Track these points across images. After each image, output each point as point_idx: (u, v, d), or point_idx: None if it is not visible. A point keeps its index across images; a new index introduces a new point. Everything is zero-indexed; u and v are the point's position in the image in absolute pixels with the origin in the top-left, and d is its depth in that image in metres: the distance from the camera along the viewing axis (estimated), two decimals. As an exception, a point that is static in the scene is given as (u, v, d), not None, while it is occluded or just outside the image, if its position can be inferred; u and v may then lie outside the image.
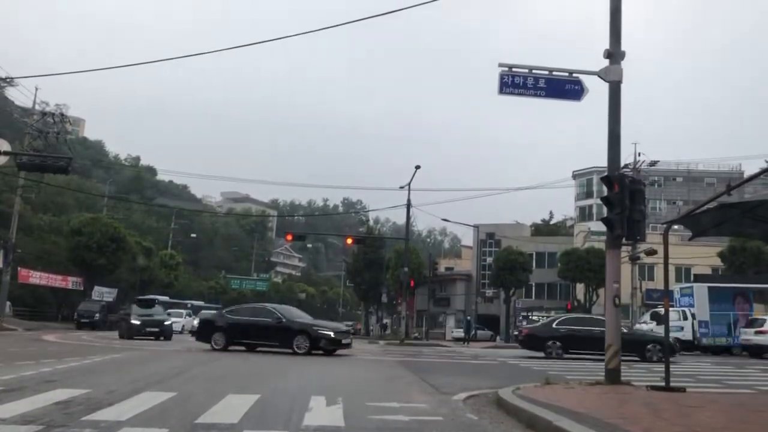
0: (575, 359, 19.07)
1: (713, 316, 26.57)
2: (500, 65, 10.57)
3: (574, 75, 10.73)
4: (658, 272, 47.12)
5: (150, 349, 18.28)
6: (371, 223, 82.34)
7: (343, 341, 18.28)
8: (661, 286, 13.72)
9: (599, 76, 10.45)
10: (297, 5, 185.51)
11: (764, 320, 24.22)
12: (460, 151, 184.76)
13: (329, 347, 17.72)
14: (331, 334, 17.83)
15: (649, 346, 20.06)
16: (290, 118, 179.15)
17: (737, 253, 41.51)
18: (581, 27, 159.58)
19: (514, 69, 10.59)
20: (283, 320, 18.22)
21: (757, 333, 23.96)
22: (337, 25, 17.63)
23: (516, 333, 24.21)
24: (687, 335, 26.91)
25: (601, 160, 11.19)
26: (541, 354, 20.42)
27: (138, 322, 25.94)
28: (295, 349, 17.40)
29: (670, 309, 20.60)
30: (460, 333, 47.50)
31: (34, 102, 33.66)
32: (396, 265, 51.97)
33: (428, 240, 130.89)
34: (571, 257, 47.04)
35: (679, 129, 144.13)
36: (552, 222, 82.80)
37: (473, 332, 43.69)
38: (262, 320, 18.38)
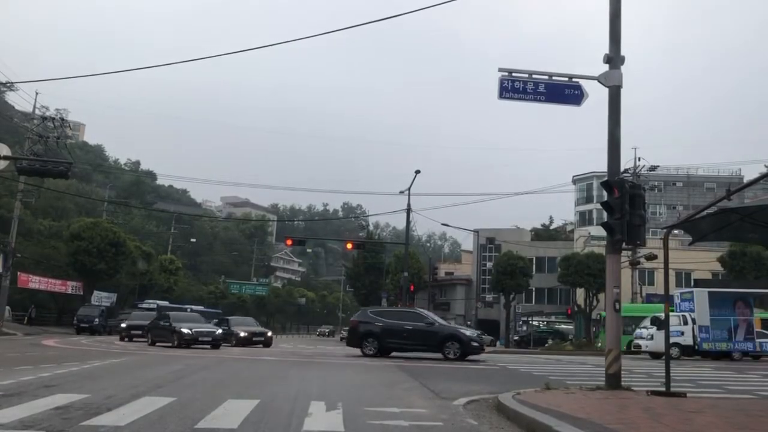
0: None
1: (714, 321, 26.48)
2: (500, 70, 10.58)
3: (574, 80, 10.75)
4: (659, 277, 47.10)
5: (149, 354, 18.25)
6: (371, 227, 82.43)
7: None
8: (661, 290, 13.71)
9: (599, 81, 10.45)
10: (296, 10, 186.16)
11: None
12: (460, 155, 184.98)
13: None
14: None
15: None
16: (290, 122, 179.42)
17: (737, 258, 41.46)
18: (581, 32, 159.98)
19: (513, 74, 10.61)
20: None
21: None
22: (337, 30, 17.69)
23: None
24: (687, 340, 26.88)
25: (601, 165, 11.22)
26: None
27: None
28: None
29: (671, 314, 20.58)
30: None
31: (34, 106, 33.68)
32: (396, 269, 51.95)
33: (428, 244, 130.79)
34: (571, 262, 46.96)
35: (679, 133, 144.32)
36: (552, 227, 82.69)
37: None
38: None
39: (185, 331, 23.14)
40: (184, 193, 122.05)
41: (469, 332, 21.11)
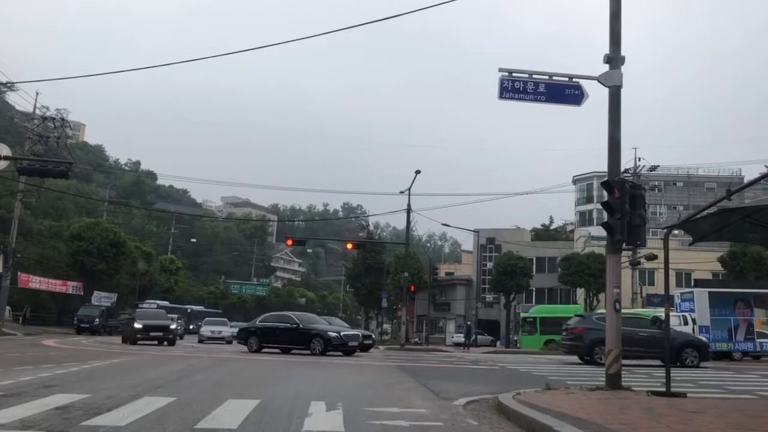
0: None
1: (714, 321, 26.47)
2: (500, 70, 10.57)
3: (574, 80, 10.74)
4: (659, 277, 47.07)
5: (149, 354, 18.25)
6: (371, 227, 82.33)
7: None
8: (661, 291, 13.70)
9: (599, 81, 10.44)
10: (296, 10, 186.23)
11: None
12: (460, 155, 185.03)
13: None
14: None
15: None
16: (291, 123, 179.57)
17: (738, 258, 41.46)
18: (581, 32, 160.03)
19: (514, 74, 10.60)
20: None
21: None
22: (336, 30, 17.70)
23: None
24: (688, 340, 26.86)
25: (601, 165, 11.22)
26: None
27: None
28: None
29: (671, 314, 20.57)
30: (460, 338, 47.46)
31: (35, 107, 33.72)
32: (396, 269, 51.94)
33: (428, 245, 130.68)
34: (572, 262, 46.98)
35: (679, 133, 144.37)
36: (552, 227, 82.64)
37: (473, 337, 43.63)
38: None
39: (333, 335, 20.19)
40: (184, 193, 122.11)
41: (702, 339, 21.76)
